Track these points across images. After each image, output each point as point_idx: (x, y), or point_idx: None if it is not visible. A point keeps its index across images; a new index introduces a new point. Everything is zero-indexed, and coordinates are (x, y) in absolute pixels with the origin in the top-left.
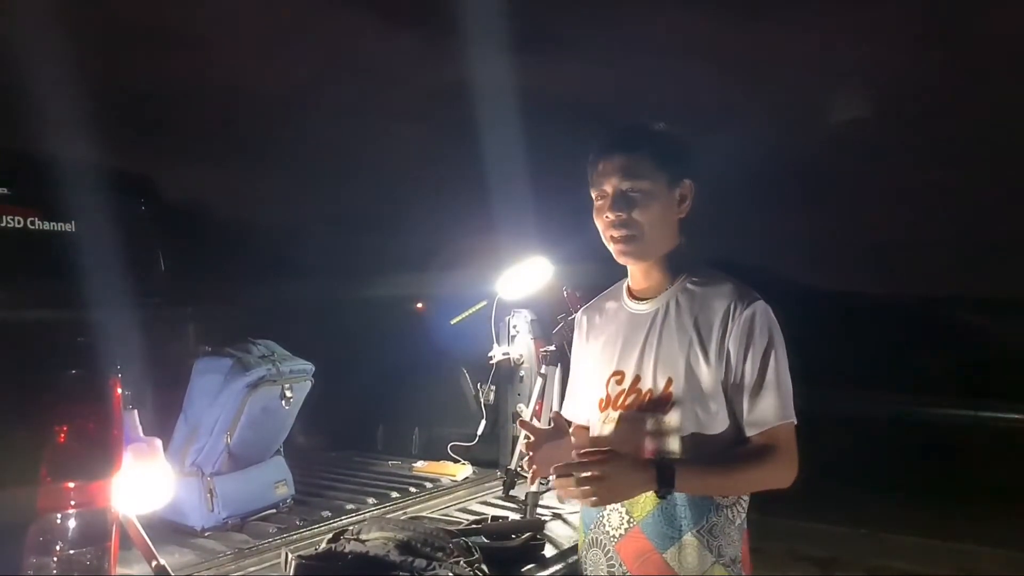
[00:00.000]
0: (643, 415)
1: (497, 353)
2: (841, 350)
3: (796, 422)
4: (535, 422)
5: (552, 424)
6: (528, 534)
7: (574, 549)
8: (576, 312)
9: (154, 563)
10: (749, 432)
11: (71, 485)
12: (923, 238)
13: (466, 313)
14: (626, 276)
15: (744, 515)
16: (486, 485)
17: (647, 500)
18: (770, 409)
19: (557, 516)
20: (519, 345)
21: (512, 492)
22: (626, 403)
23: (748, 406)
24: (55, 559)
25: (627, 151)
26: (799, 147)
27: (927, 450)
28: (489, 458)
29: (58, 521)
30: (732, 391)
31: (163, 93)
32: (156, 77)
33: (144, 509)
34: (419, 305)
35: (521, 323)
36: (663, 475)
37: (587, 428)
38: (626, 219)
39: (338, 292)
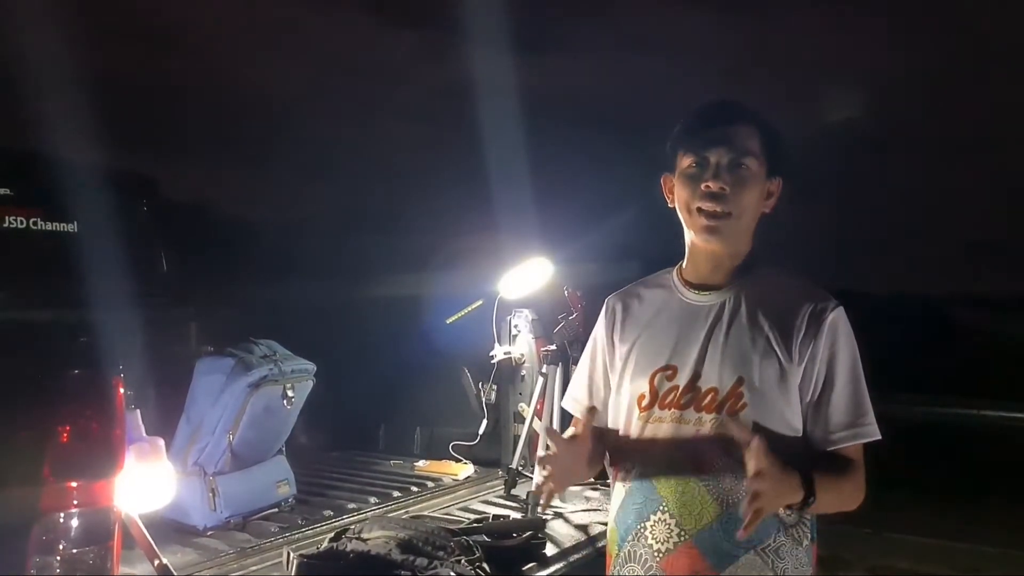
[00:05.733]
0: (703, 417)
1: (498, 352)
2: None
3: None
4: (537, 422)
5: (572, 435)
6: (529, 533)
7: (575, 548)
8: (577, 312)
9: (156, 562)
10: (836, 445)
11: (74, 485)
12: (923, 237)
13: (461, 312)
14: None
15: (811, 535)
16: (487, 484)
17: (704, 511)
18: (868, 423)
19: (558, 515)
20: (520, 344)
21: (513, 491)
22: (680, 402)
23: (840, 417)
24: (58, 558)
25: (744, 122)
26: (797, 144)
27: (929, 449)
28: (491, 457)
29: (61, 520)
30: (814, 399)
31: (166, 93)
32: (159, 76)
33: (147, 508)
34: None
35: (522, 323)
36: (807, 484)
37: (588, 425)
38: (728, 194)
39: (340, 291)
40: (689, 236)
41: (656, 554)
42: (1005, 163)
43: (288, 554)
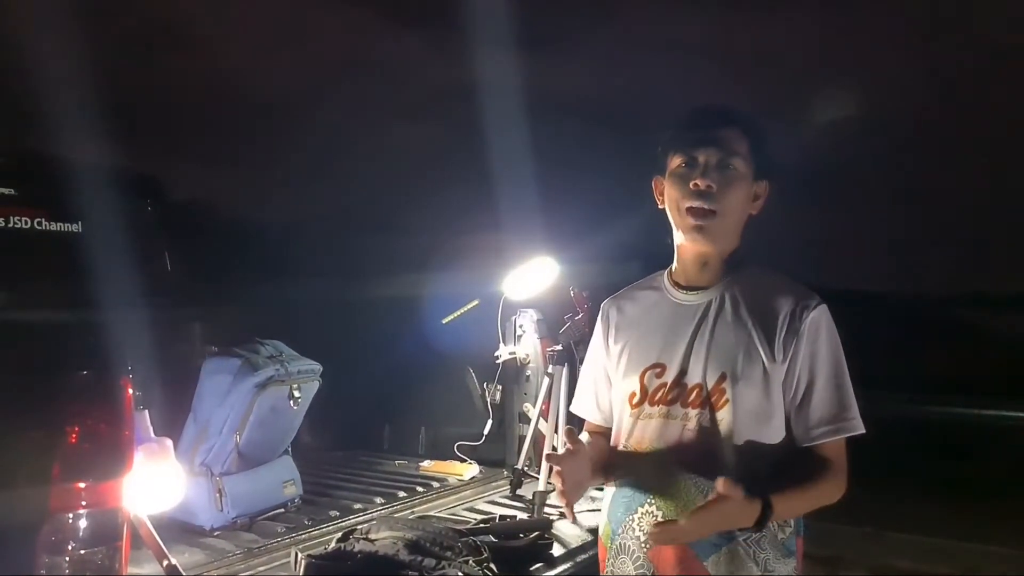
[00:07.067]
0: (688, 412)
1: (504, 353)
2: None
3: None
4: (542, 422)
5: (567, 444)
6: (536, 533)
7: (582, 548)
8: (583, 312)
9: (165, 562)
10: (818, 441)
11: (83, 485)
12: (923, 235)
13: (458, 312)
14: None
15: (794, 528)
16: (493, 484)
17: (689, 503)
18: (850, 418)
19: (564, 515)
20: (526, 345)
21: (519, 491)
22: (667, 399)
23: (821, 413)
24: (67, 558)
25: (732, 125)
26: (795, 143)
27: (930, 449)
28: (496, 457)
29: (70, 521)
30: (797, 396)
31: (169, 93)
32: (162, 76)
33: (155, 509)
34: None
35: (527, 323)
36: (765, 514)
37: (602, 431)
38: (715, 192)
39: (345, 292)
40: (678, 237)
41: (643, 545)
42: (1006, 162)
43: (296, 554)
